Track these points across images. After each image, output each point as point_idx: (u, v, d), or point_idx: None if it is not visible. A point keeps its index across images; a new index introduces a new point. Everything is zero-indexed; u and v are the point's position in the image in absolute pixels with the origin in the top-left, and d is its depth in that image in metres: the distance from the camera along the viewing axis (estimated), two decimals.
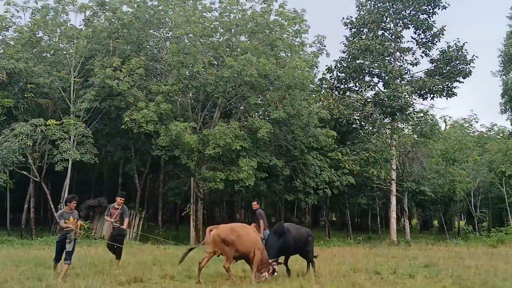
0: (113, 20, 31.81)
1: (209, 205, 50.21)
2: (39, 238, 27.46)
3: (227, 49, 32.34)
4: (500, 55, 49.35)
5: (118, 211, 14.30)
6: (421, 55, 36.29)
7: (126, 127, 28.65)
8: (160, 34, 34.43)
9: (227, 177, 28.45)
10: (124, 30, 32.11)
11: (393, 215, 36.08)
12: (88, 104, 29.66)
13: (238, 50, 31.42)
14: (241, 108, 33.88)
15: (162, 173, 40.30)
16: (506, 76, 48.80)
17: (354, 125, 38.57)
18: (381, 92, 35.35)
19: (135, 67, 29.28)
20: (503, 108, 48.35)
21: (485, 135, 56.45)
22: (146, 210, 38.82)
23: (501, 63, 49.30)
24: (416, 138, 38.52)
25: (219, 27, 32.54)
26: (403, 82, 35.76)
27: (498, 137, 53.91)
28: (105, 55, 30.98)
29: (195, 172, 30.24)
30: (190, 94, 32.53)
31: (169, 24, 33.04)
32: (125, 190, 42.44)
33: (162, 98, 28.70)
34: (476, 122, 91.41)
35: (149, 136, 30.80)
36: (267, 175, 31.70)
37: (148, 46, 33.76)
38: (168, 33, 33.63)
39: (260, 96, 32.34)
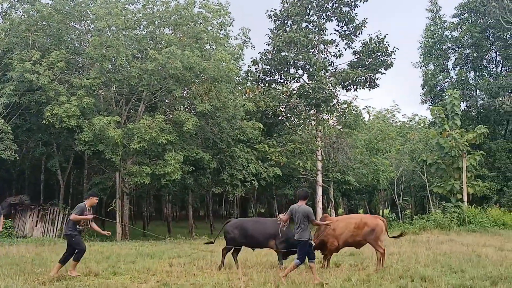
0: (32, 12, 30.74)
1: (135, 200, 49.60)
2: None
3: (151, 41, 31.90)
4: (420, 46, 50.70)
5: None
6: (344, 47, 36.74)
7: (47, 122, 27.84)
8: (81, 26, 33.50)
9: (153, 171, 28.10)
10: (44, 23, 31.05)
11: (319, 205, 36.54)
12: (6, 99, 28.59)
13: (162, 42, 31.00)
14: (166, 101, 33.47)
15: (86, 168, 39.48)
16: (425, 67, 50.17)
17: (280, 117, 38.84)
18: (306, 84, 35.63)
19: (55, 61, 28.40)
20: (424, 98, 49.73)
21: (407, 125, 58.10)
22: (70, 207, 37.99)
23: (421, 55, 50.64)
24: (341, 129, 39.13)
25: (142, 20, 31.98)
26: (327, 74, 36.13)
27: (419, 127, 55.58)
28: (24, 49, 29.86)
29: (120, 167, 29.73)
30: (114, 88, 31.93)
31: (91, 16, 32.14)
32: (48, 186, 41.56)
33: (84, 92, 27.99)
34: (399, 112, 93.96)
35: (71, 131, 30.00)
36: (194, 168, 31.53)
37: (69, 39, 32.82)
38: (90, 26, 32.75)
39: (186, 89, 32.04)
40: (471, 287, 10.35)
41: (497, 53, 47.46)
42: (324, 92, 34.36)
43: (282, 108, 37.63)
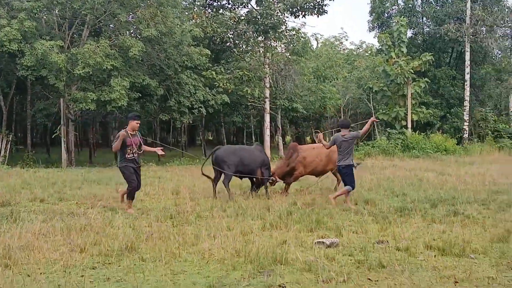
0: None
1: (81, 127, 48.97)
2: None
3: None
4: None
5: None
6: None
7: None
8: None
9: (98, 97, 27.64)
10: None
11: (267, 132, 36.81)
12: None
13: None
14: (111, 26, 32.57)
15: (29, 94, 38.50)
16: None
17: (227, 44, 38.47)
18: (254, 10, 35.23)
19: None
20: (371, 26, 49.66)
21: (354, 53, 58.37)
22: (14, 133, 37.31)
23: None
24: (289, 56, 39.08)
25: None
26: None
27: (366, 54, 55.92)
28: None
29: (64, 93, 29.12)
30: (56, 11, 30.83)
31: None
32: None
33: (25, 15, 26.95)
34: (346, 40, 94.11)
35: (13, 56, 29.06)
36: (140, 95, 31.17)
37: None
38: None
39: (131, 13, 31.23)
40: (412, 209, 10.69)
41: None
42: (272, 18, 34.06)
43: (230, 34, 37.14)
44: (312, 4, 34.89)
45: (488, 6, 40.02)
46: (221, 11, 37.27)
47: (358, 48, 61.03)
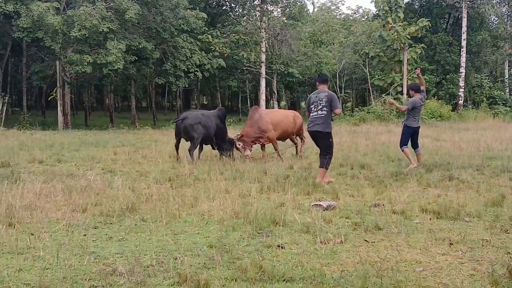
0: None
1: (77, 90, 48.78)
2: None
3: None
4: None
5: None
6: None
7: None
8: None
9: (94, 60, 27.59)
10: None
11: (263, 97, 36.86)
12: None
13: None
14: None
15: (25, 56, 38.33)
16: None
17: (224, 7, 38.32)
18: None
19: None
20: None
21: (350, 18, 57.92)
22: (9, 95, 37.21)
23: None
24: (285, 21, 38.93)
25: None
26: None
27: (363, 19, 55.52)
28: None
29: (60, 55, 28.99)
30: None
31: None
32: None
33: None
34: (343, 4, 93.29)
35: (8, 17, 28.87)
36: (136, 58, 31.05)
37: None
38: None
39: None
40: (407, 174, 10.81)
41: None
42: None
43: None
44: None
45: None
46: None
47: (355, 13, 60.43)
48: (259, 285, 4.48)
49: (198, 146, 13.72)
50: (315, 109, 10.26)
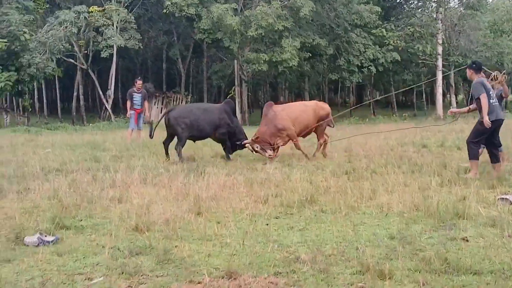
0: None
1: (253, 87, 50.38)
2: (90, 124, 28.29)
3: None
4: None
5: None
6: None
7: (167, 11, 28.54)
8: None
9: (270, 58, 28.38)
10: None
11: (439, 90, 35.74)
12: None
13: None
14: None
15: (205, 57, 40.31)
16: None
17: (398, 0, 37.54)
18: None
19: None
20: None
21: None
22: (192, 94, 39.27)
23: None
24: (463, 11, 37.37)
25: None
26: None
27: None
28: None
29: (238, 54, 30.17)
30: None
31: None
32: (169, 75, 43.00)
33: None
34: None
35: (191, 20, 30.57)
36: (310, 55, 31.49)
37: None
38: None
39: None
40: None
41: None
42: None
43: None
44: None
45: None
46: None
47: None
48: (445, 277, 4.40)
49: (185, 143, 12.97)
50: (493, 96, 9.57)
